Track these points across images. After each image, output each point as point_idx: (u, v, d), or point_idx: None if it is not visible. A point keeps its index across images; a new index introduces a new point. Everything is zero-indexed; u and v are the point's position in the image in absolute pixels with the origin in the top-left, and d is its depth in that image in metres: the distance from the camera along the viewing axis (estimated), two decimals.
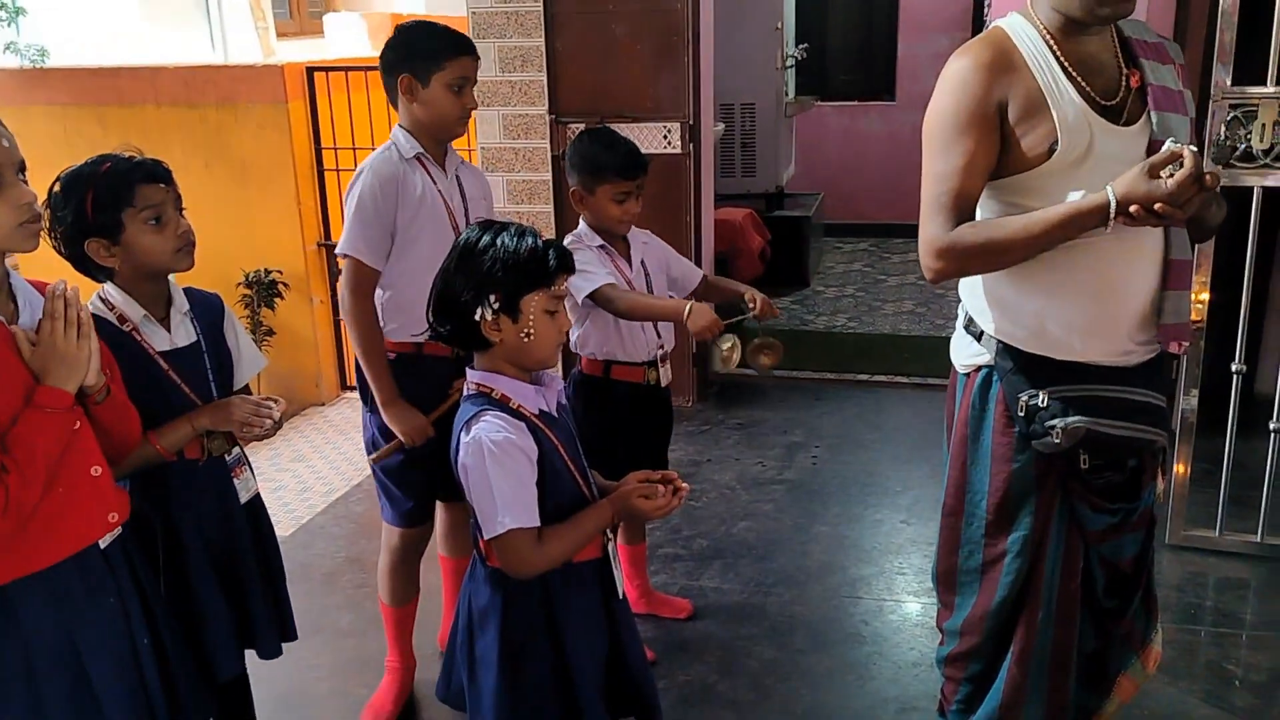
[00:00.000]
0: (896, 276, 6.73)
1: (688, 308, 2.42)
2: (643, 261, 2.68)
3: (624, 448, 2.62)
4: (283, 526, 3.59)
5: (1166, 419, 1.81)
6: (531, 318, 1.67)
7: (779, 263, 6.24)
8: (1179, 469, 3.20)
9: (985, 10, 7.06)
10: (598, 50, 4.29)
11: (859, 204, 7.73)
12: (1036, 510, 1.82)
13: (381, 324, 2.40)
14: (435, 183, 2.38)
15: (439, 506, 2.66)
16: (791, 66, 6.45)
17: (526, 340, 1.68)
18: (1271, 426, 3.04)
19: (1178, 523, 3.24)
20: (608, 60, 4.29)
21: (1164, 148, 1.57)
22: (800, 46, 6.58)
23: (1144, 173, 1.56)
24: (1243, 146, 2.87)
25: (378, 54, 2.41)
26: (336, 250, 2.39)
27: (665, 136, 4.31)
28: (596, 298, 2.51)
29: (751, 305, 2.57)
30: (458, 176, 2.46)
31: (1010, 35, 1.74)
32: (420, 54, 2.32)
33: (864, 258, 7.30)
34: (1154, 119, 1.69)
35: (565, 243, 2.59)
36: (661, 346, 2.73)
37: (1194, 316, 3.06)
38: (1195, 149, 1.58)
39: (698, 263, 4.61)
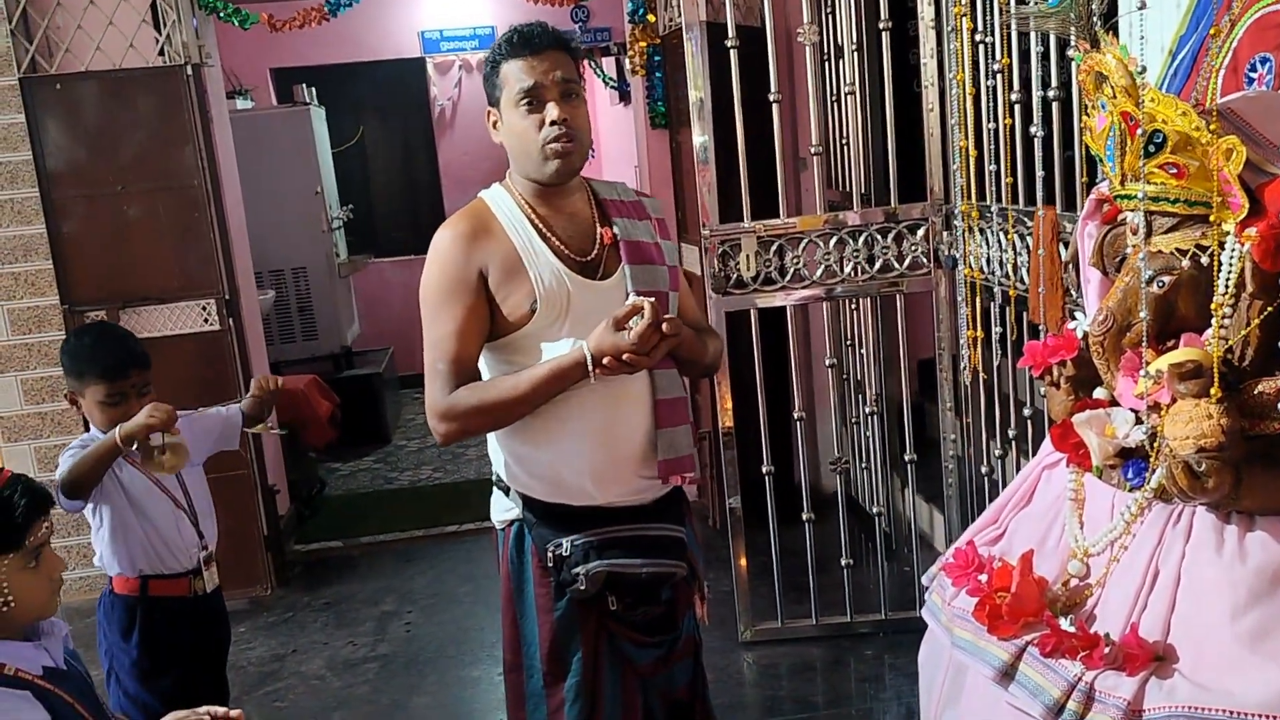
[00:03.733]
0: None
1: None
2: None
3: (178, 675, 2.37)
4: None
5: (686, 550, 1.93)
6: (5, 585, 1.45)
7: (355, 423, 6.09)
8: (741, 565, 3.45)
9: None
10: (110, 233, 4.00)
11: None
12: (585, 655, 1.86)
13: None
14: None
15: None
16: (339, 228, 6.44)
17: (7, 610, 1.46)
18: (804, 518, 3.37)
19: (745, 620, 3.48)
20: (123, 243, 4.01)
21: (627, 301, 1.71)
22: (346, 207, 6.60)
23: (610, 326, 1.68)
24: (735, 275, 3.23)
25: None
26: None
27: (199, 315, 4.08)
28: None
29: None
30: None
31: (489, 204, 1.83)
32: None
33: None
34: (628, 272, 1.84)
35: (74, 444, 2.33)
36: (205, 547, 2.51)
37: (726, 424, 3.36)
38: (652, 299, 1.72)
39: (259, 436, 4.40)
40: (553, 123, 1.75)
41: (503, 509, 1.94)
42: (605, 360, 1.68)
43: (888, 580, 3.44)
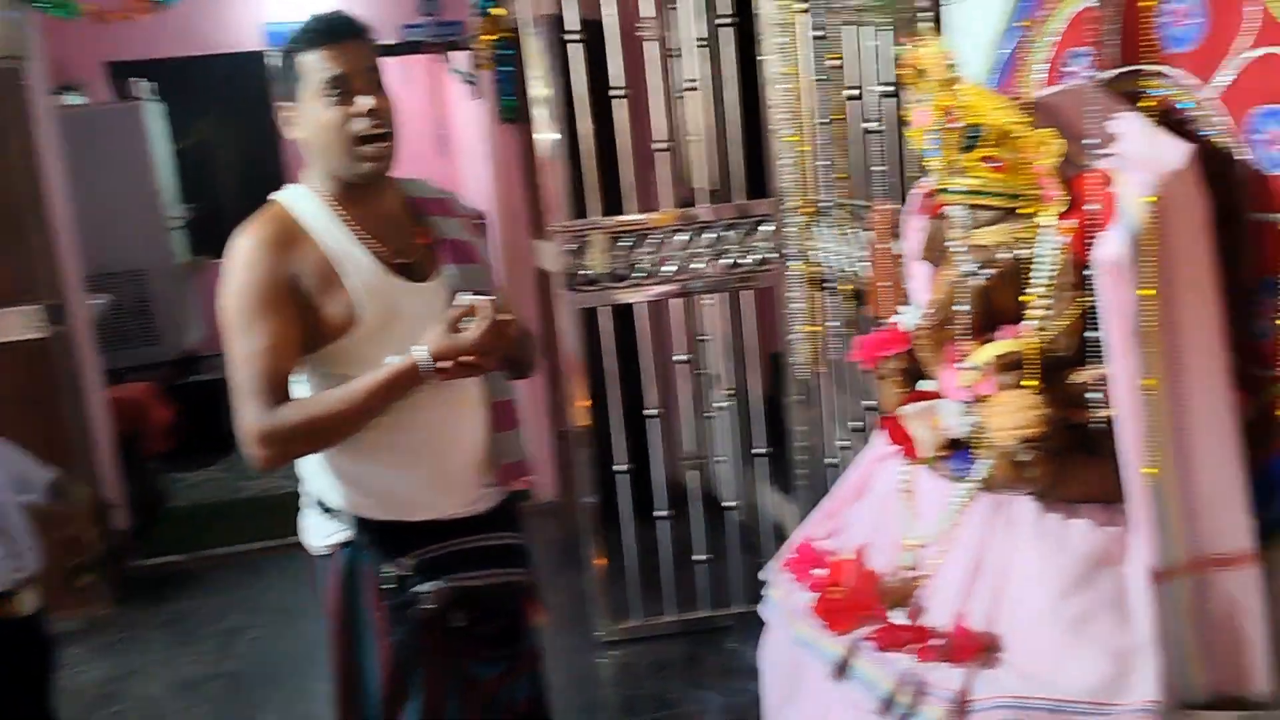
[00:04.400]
0: None
1: None
2: None
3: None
4: None
5: (527, 557, 1.87)
6: None
7: (199, 431, 5.80)
8: (597, 564, 3.41)
9: None
10: None
11: None
12: (427, 678, 1.77)
13: None
14: None
15: None
16: (180, 228, 6.15)
17: None
18: (656, 515, 3.35)
19: (602, 619, 3.44)
20: None
21: (456, 300, 1.64)
22: (188, 206, 6.31)
23: (446, 328, 1.61)
24: (585, 273, 3.19)
25: None
26: None
27: (24, 321, 3.82)
28: None
29: None
30: None
31: (290, 208, 1.72)
32: None
33: None
34: (450, 271, 1.76)
35: None
36: (19, 569, 2.33)
37: (580, 422, 3.32)
38: (492, 297, 1.66)
39: (93, 448, 4.15)
40: (368, 112, 1.66)
41: (324, 534, 1.81)
42: (443, 364, 1.61)
43: (743, 573, 3.45)
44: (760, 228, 3.24)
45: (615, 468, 3.32)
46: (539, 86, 3.14)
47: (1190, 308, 1.40)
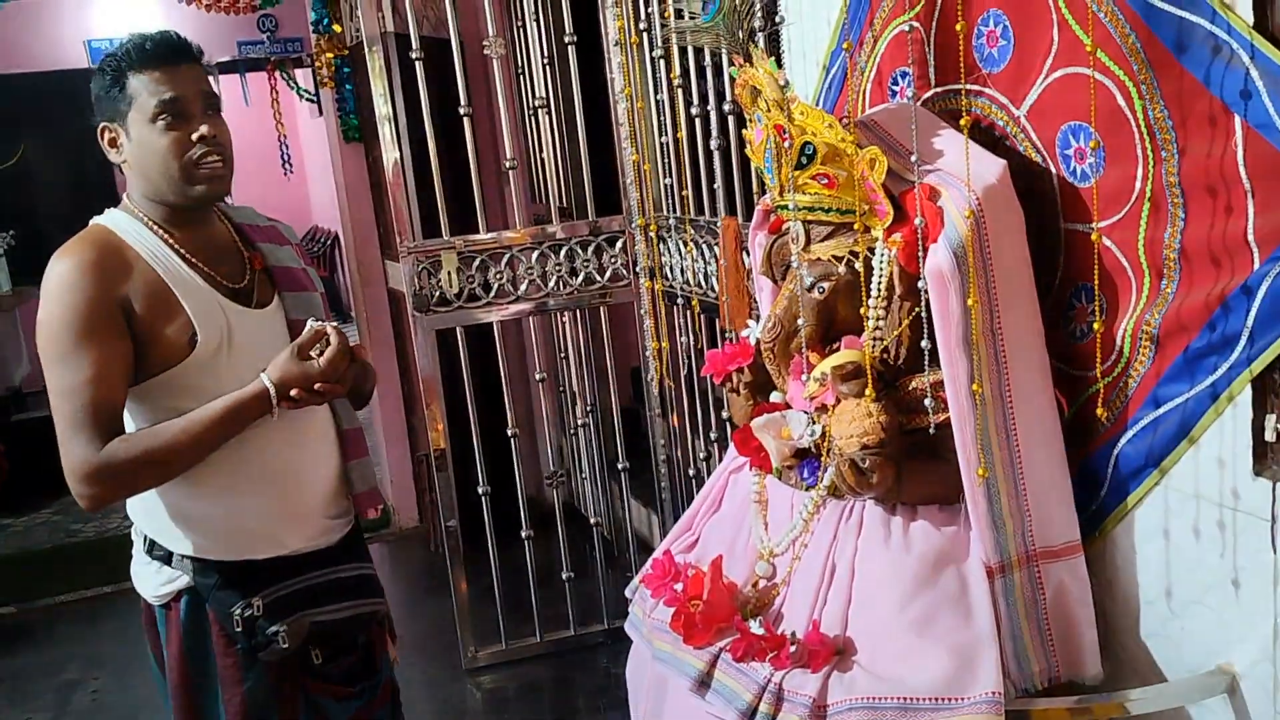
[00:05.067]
0: None
1: None
2: None
3: None
4: None
5: (377, 585, 1.83)
6: None
7: (29, 472, 5.45)
8: (461, 588, 3.35)
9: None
10: None
11: None
12: None
13: None
14: None
15: None
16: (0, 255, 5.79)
17: None
18: (523, 534, 3.32)
19: (467, 645, 3.38)
20: None
21: (306, 327, 1.59)
22: (5, 234, 5.95)
23: (294, 355, 1.57)
24: (438, 293, 3.14)
25: None
26: None
27: None
28: None
29: None
30: None
31: (115, 230, 1.65)
32: None
33: None
34: (286, 299, 1.72)
35: None
36: None
37: (439, 445, 3.27)
38: (336, 324, 1.63)
39: None
40: (201, 138, 1.60)
41: (161, 582, 1.72)
42: (293, 392, 1.56)
43: (610, 589, 3.45)
44: (612, 244, 3.26)
45: (479, 489, 3.28)
46: (382, 105, 3.08)
47: (1012, 314, 1.48)
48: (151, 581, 1.73)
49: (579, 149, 3.28)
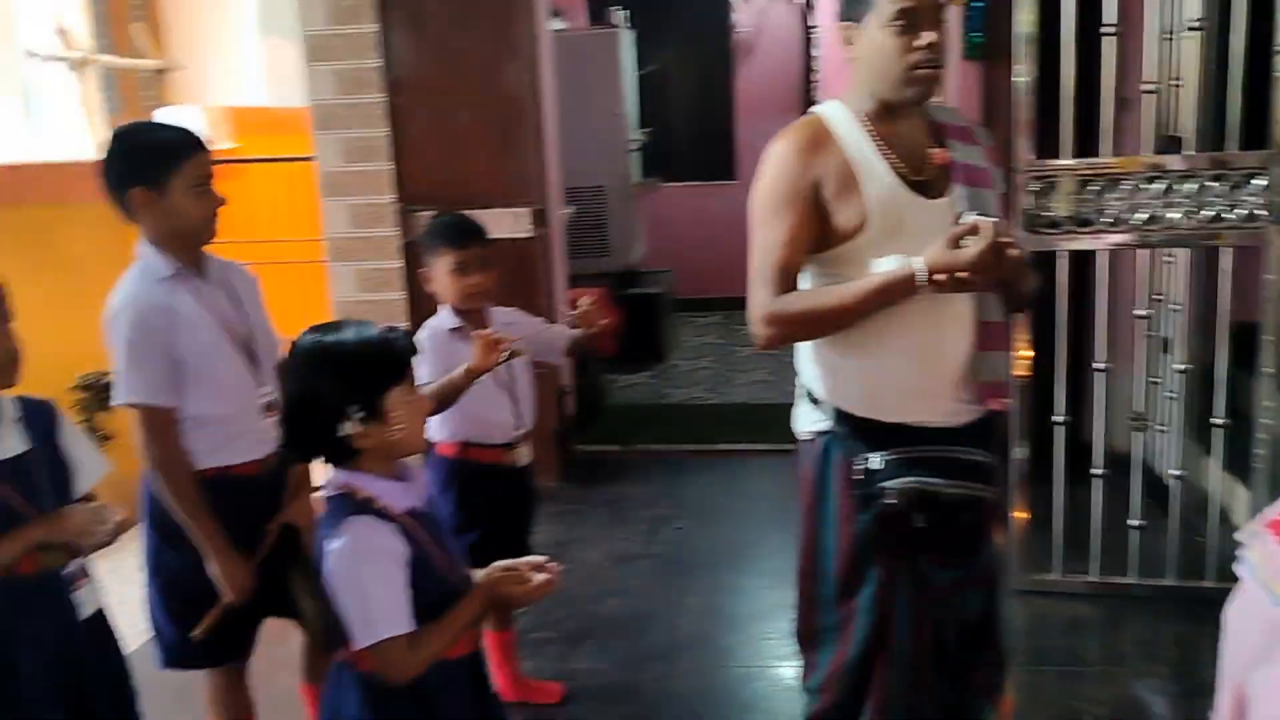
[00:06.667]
0: (748, 347, 6.92)
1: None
2: None
3: (485, 532, 2.61)
4: (131, 640, 3.40)
5: (995, 476, 1.93)
6: (395, 414, 1.62)
7: (635, 340, 6.33)
8: (1018, 516, 3.37)
9: (811, 92, 7.47)
10: (443, 139, 4.34)
11: (707, 280, 7.95)
12: (882, 568, 1.90)
13: None
14: (201, 298, 2.14)
15: (299, 632, 2.43)
16: (637, 150, 6.65)
17: (395, 439, 1.65)
18: (1093, 473, 3.24)
19: (1020, 568, 3.41)
20: (453, 148, 4.34)
21: (962, 219, 1.72)
22: (644, 130, 6.80)
23: (947, 244, 1.70)
24: (1048, 215, 3.12)
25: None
26: (117, 400, 2.09)
27: (515, 221, 4.37)
28: None
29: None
30: (225, 280, 2.22)
31: (825, 120, 1.88)
32: (150, 161, 2.08)
33: (715, 331, 7.52)
34: (960, 193, 1.84)
35: (420, 334, 2.59)
36: (519, 428, 2.75)
37: (1021, 373, 3.28)
38: (996, 220, 1.73)
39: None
40: (927, 46, 1.77)
41: (809, 421, 1.99)
42: (938, 277, 1.71)
43: (1180, 548, 3.27)
44: (1252, 181, 2.99)
45: (1053, 419, 3.25)
46: (1025, 23, 3.08)
47: None
48: (802, 419, 2.03)
49: (1225, 76, 3.02)
